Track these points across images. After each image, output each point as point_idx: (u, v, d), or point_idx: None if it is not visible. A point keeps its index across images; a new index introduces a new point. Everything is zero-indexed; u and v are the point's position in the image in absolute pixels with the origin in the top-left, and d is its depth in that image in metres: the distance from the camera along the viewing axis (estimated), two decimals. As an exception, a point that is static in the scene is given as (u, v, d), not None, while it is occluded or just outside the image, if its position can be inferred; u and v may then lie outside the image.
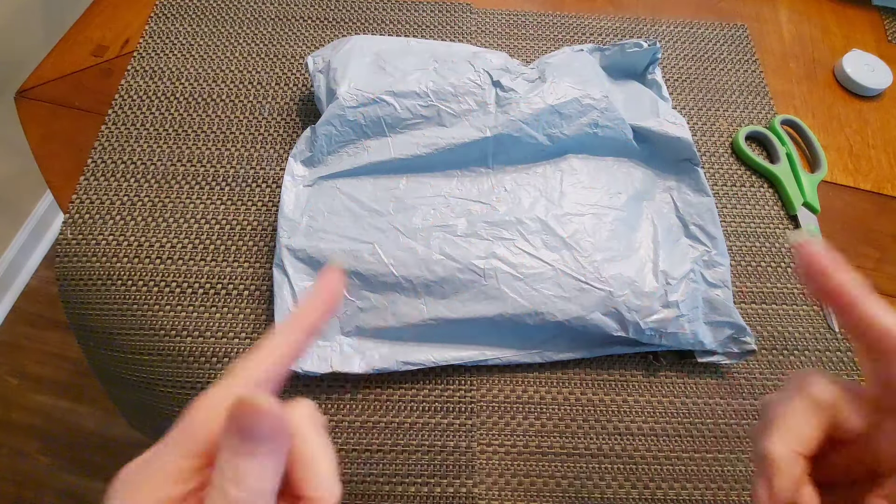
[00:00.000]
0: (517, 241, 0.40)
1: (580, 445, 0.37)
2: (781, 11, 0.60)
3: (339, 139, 0.42)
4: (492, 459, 0.37)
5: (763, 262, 0.44)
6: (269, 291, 0.41)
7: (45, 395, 1.05)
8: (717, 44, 0.56)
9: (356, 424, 0.37)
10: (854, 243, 0.46)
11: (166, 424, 0.41)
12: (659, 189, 0.45)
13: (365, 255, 0.38)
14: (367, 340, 0.38)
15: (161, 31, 0.54)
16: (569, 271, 0.38)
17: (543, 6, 0.59)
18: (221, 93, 0.51)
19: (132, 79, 0.51)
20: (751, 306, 0.43)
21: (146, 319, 0.40)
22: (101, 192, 0.45)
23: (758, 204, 0.47)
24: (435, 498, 0.36)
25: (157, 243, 0.43)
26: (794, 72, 0.56)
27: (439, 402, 0.38)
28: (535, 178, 0.43)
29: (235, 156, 0.47)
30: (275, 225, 0.43)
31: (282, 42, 0.54)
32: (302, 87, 0.51)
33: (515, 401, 0.39)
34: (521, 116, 0.42)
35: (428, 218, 0.40)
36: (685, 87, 0.53)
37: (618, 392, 0.39)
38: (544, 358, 0.39)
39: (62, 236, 0.43)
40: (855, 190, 0.49)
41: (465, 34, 0.55)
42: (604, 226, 0.41)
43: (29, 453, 1.00)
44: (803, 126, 0.50)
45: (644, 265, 0.40)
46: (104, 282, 0.42)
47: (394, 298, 0.38)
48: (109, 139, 0.48)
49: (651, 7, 0.59)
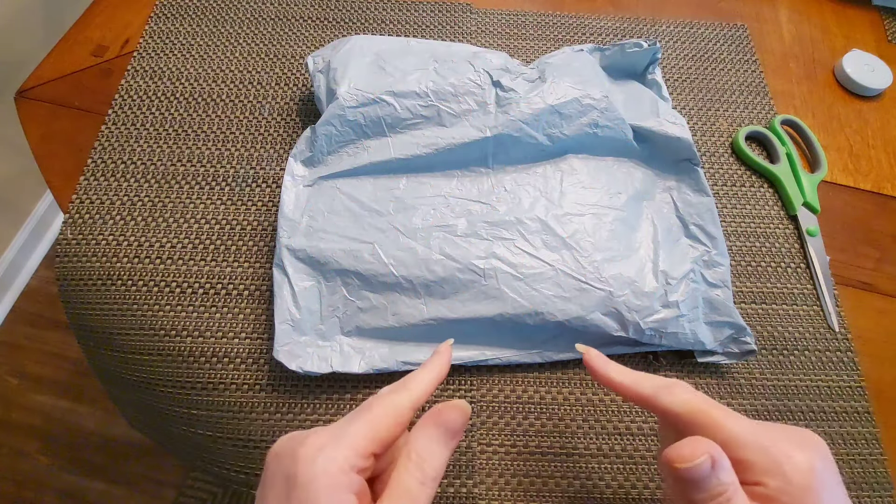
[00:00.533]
0: (517, 241, 0.40)
1: (580, 445, 0.37)
2: (781, 11, 0.60)
3: (339, 139, 0.42)
4: (492, 459, 0.37)
5: (763, 262, 0.44)
6: (269, 291, 0.41)
7: (45, 395, 1.05)
8: (717, 44, 0.56)
9: (356, 424, 0.37)
10: (854, 243, 0.46)
11: (166, 424, 0.41)
12: (659, 189, 0.45)
13: (365, 255, 0.38)
14: (367, 340, 0.38)
15: (161, 31, 0.54)
16: (569, 271, 0.38)
17: (543, 6, 0.59)
18: (221, 93, 0.51)
19: (132, 79, 0.51)
20: (751, 306, 0.43)
21: (146, 319, 0.40)
22: (101, 192, 0.45)
23: (758, 204, 0.47)
24: (435, 498, 0.36)
25: (157, 243, 0.43)
26: (794, 72, 0.56)
27: (439, 402, 0.38)
28: (535, 178, 0.43)
29: (235, 156, 0.47)
30: (275, 225, 0.43)
31: (282, 42, 0.54)
32: (302, 87, 0.51)
33: (515, 401, 0.39)
34: (521, 116, 0.42)
35: (428, 218, 0.40)
36: (685, 87, 0.53)
37: (618, 392, 0.39)
38: (544, 358, 0.39)
39: (62, 236, 0.43)
40: (855, 190, 0.49)
41: (465, 34, 0.55)
42: (604, 226, 0.41)
43: (29, 453, 1.00)
44: (803, 126, 0.50)
45: (644, 265, 0.40)
46: (104, 282, 0.42)
47: (394, 298, 0.38)
48: (109, 139, 0.48)
49: (651, 7, 0.59)
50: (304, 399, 0.38)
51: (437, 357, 0.28)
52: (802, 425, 0.38)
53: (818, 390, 0.40)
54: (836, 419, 0.39)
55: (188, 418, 0.39)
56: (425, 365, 0.27)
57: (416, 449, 0.22)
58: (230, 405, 0.38)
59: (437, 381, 0.26)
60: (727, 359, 0.39)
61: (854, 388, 0.40)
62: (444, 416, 0.23)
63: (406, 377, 0.26)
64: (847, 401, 0.39)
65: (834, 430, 0.38)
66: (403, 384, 0.25)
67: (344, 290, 0.38)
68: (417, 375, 0.26)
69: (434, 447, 0.22)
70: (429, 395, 0.25)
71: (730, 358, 0.39)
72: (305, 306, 0.38)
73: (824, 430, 0.38)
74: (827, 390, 0.40)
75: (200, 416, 0.39)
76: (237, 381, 0.38)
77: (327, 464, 0.20)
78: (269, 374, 0.39)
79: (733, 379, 0.40)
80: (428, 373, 0.26)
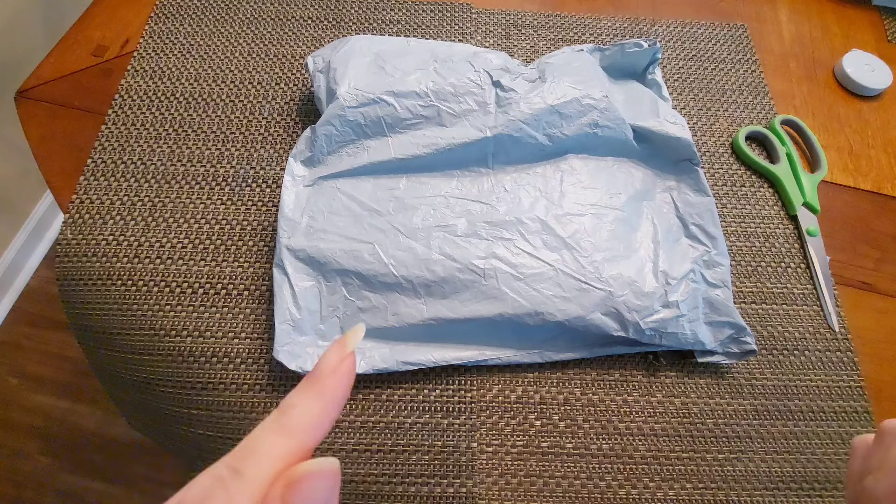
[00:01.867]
0: (517, 241, 0.40)
1: (580, 445, 0.37)
2: (781, 11, 0.60)
3: (339, 139, 0.42)
4: (492, 459, 0.37)
5: (763, 262, 0.44)
6: (269, 291, 0.41)
7: (45, 395, 1.05)
8: (717, 44, 0.56)
9: (356, 424, 0.37)
10: (854, 243, 0.46)
11: (166, 424, 0.41)
12: (659, 189, 0.45)
13: (365, 255, 0.38)
14: (367, 340, 0.38)
15: (161, 31, 0.54)
16: (569, 271, 0.38)
17: (543, 6, 0.59)
18: (221, 93, 0.51)
19: (132, 79, 0.51)
20: (751, 306, 0.43)
21: (146, 319, 0.40)
22: (101, 192, 0.45)
23: (758, 204, 0.47)
24: (435, 498, 0.36)
25: (157, 243, 0.43)
26: (794, 72, 0.56)
27: (439, 402, 0.38)
28: (535, 178, 0.43)
29: (235, 156, 0.47)
30: (275, 225, 0.43)
31: (282, 42, 0.54)
32: (302, 87, 0.51)
33: (515, 401, 0.39)
34: (521, 116, 0.42)
35: (428, 218, 0.40)
36: (685, 87, 0.53)
37: (618, 392, 0.39)
38: (544, 358, 0.39)
39: (62, 236, 0.43)
40: (855, 190, 0.49)
41: (465, 34, 0.55)
42: (604, 226, 0.41)
43: (29, 453, 1.00)
44: (803, 126, 0.50)
45: (644, 265, 0.40)
46: (104, 282, 0.42)
47: (394, 298, 0.38)
48: (109, 139, 0.48)
49: (651, 7, 0.59)
50: (304, 399, 0.38)
51: (330, 379, 0.18)
52: (802, 425, 0.39)
53: (818, 390, 0.40)
54: (836, 419, 0.39)
55: (188, 418, 0.39)
56: (311, 385, 0.17)
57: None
58: (230, 405, 0.38)
59: (333, 415, 0.17)
60: (727, 359, 0.39)
61: (854, 388, 0.40)
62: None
63: (287, 405, 0.17)
64: (847, 401, 0.39)
65: (833, 430, 0.38)
66: (286, 425, 0.16)
67: (344, 290, 0.38)
68: (303, 409, 0.17)
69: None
70: (323, 437, 0.17)
71: (730, 358, 0.39)
72: (305, 306, 0.38)
73: (824, 429, 0.38)
74: (827, 390, 0.40)
75: (200, 416, 0.39)
76: (237, 381, 0.38)
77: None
78: (269, 374, 0.39)
79: (733, 379, 0.40)
80: (318, 406, 0.17)
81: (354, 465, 0.36)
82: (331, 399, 0.17)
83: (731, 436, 0.38)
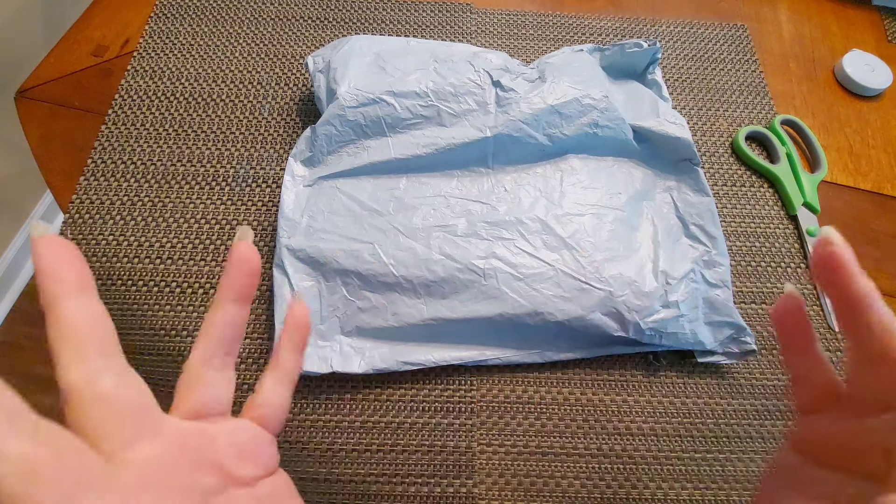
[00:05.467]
0: (517, 241, 0.40)
1: (580, 445, 0.37)
2: (781, 11, 0.60)
3: (339, 139, 0.42)
4: (492, 459, 0.37)
5: (763, 262, 0.44)
6: (270, 291, 0.41)
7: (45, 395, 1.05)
8: (717, 44, 0.56)
9: (356, 424, 0.37)
10: (854, 243, 0.46)
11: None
12: (659, 189, 0.45)
13: (365, 255, 0.38)
14: (367, 340, 0.38)
15: (161, 31, 0.54)
16: (569, 271, 0.38)
17: (543, 6, 0.59)
18: (221, 93, 0.51)
19: (132, 79, 0.51)
20: (751, 306, 0.43)
21: (146, 319, 0.40)
22: (101, 192, 0.45)
23: (758, 204, 0.47)
24: (435, 498, 0.36)
25: (157, 243, 0.43)
26: (794, 72, 0.56)
27: (439, 402, 0.38)
28: (535, 178, 0.43)
29: (235, 156, 0.47)
30: (275, 225, 0.43)
31: (282, 42, 0.54)
32: (302, 87, 0.51)
33: (515, 401, 0.39)
34: (521, 116, 0.42)
35: (428, 218, 0.40)
36: (685, 87, 0.53)
37: (618, 392, 0.39)
38: (544, 358, 0.39)
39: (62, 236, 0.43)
40: (855, 190, 0.49)
41: (465, 34, 0.55)
42: (604, 226, 0.41)
43: (29, 453, 0.99)
44: (803, 126, 0.50)
45: (644, 265, 0.40)
46: (104, 282, 0.42)
47: (394, 298, 0.38)
48: (109, 139, 0.48)
49: (651, 7, 0.59)
50: (304, 399, 0.38)
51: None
52: (802, 425, 0.38)
53: (818, 390, 0.40)
54: (836, 419, 0.39)
55: (188, 418, 0.39)
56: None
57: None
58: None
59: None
60: (727, 359, 0.39)
61: (854, 388, 0.40)
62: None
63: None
64: (847, 401, 0.39)
65: (834, 430, 0.38)
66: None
67: (344, 290, 0.38)
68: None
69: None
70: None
71: (730, 358, 0.39)
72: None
73: (824, 430, 0.38)
74: (827, 390, 0.40)
75: (200, 416, 0.38)
76: (237, 381, 0.38)
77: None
78: (269, 374, 0.38)
79: (733, 379, 0.40)
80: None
81: (354, 465, 0.36)
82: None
83: (731, 436, 0.38)
